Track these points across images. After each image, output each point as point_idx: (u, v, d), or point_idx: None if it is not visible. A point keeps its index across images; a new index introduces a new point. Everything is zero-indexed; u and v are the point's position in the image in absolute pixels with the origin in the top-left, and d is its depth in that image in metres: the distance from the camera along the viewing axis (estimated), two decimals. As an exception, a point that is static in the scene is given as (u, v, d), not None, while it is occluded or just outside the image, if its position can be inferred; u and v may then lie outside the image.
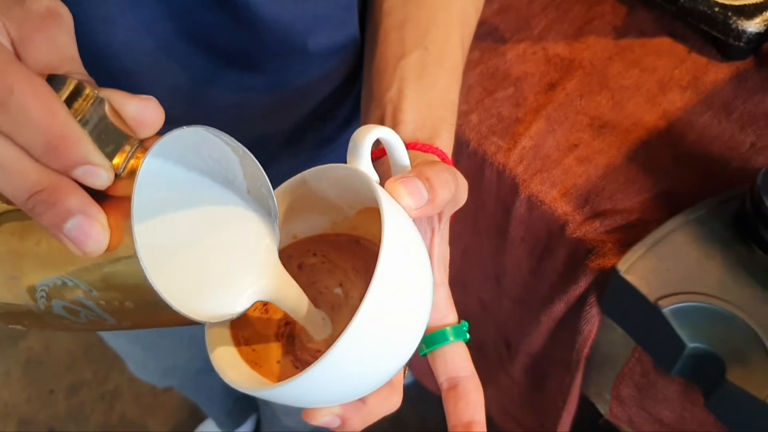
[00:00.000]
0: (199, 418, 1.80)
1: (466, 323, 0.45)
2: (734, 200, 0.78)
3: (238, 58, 0.61)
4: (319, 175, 0.43)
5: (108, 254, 0.32)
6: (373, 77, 0.57)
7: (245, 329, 0.43)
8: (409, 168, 0.44)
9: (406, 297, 0.38)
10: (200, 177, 0.39)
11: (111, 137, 0.33)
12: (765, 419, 0.66)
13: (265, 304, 0.44)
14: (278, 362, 0.43)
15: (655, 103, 0.89)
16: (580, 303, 0.81)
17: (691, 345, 0.70)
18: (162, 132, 0.35)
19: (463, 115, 0.89)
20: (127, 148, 0.33)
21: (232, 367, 0.41)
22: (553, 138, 0.87)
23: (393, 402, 0.43)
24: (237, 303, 0.40)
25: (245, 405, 1.67)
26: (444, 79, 0.56)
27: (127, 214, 0.32)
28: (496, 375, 1.08)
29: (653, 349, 0.76)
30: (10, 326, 0.43)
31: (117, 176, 0.33)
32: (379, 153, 0.48)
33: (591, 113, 0.89)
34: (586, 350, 0.83)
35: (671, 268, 0.74)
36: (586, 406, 0.95)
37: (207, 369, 1.37)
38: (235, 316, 0.40)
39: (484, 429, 0.42)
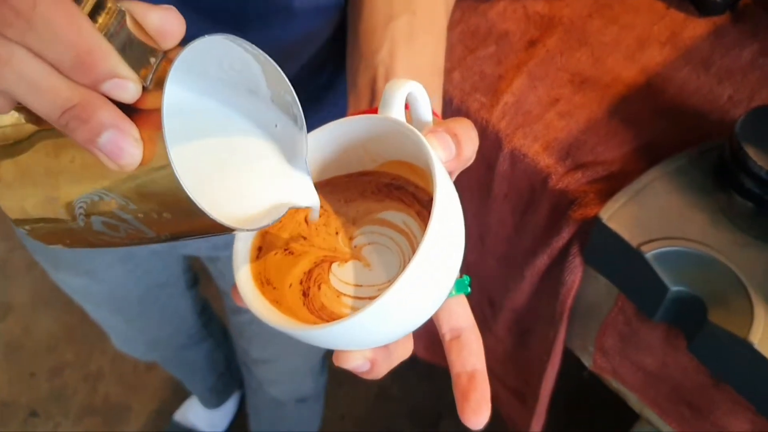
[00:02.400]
0: (183, 396, 1.79)
1: (468, 277, 0.46)
2: (713, 150, 0.79)
3: (223, 17, 0.61)
4: (351, 125, 0.44)
5: (142, 167, 0.33)
6: (360, 38, 0.57)
7: (267, 270, 0.44)
8: (431, 124, 0.44)
9: (453, 243, 0.39)
10: (223, 88, 0.39)
11: (135, 50, 0.33)
12: (746, 357, 0.67)
13: (286, 248, 0.44)
14: (296, 304, 0.43)
15: (635, 59, 0.90)
16: (563, 254, 0.82)
17: (673, 288, 0.72)
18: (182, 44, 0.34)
19: (445, 73, 0.88)
20: (152, 59, 0.33)
21: (264, 307, 0.41)
22: (534, 94, 0.88)
23: (408, 347, 0.44)
24: (269, 213, 0.40)
25: (229, 381, 1.67)
26: (432, 44, 0.56)
27: (157, 125, 0.32)
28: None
29: (636, 295, 0.78)
30: (51, 246, 0.43)
31: (144, 89, 0.33)
32: (367, 113, 0.49)
33: (571, 69, 0.90)
34: (569, 301, 0.84)
35: (653, 215, 0.75)
36: (569, 361, 0.96)
37: (190, 344, 1.36)
38: (268, 225, 0.40)
39: (486, 377, 0.43)
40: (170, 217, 0.35)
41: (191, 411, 1.77)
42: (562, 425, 1.44)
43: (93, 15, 0.32)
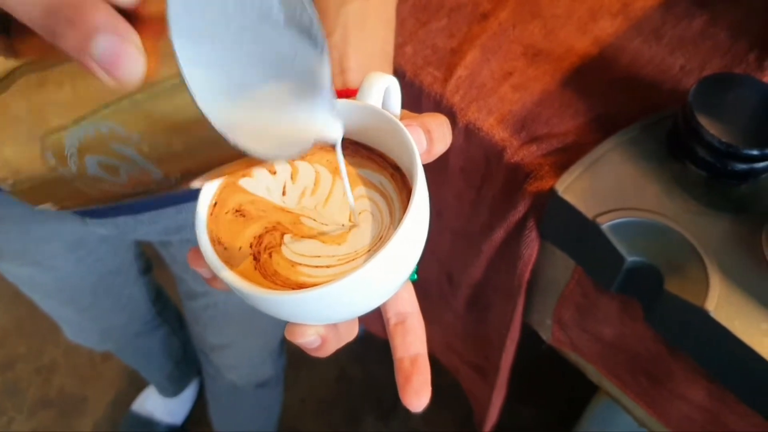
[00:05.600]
0: (140, 386, 1.77)
1: (416, 265, 0.46)
2: (666, 120, 0.79)
3: None
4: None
5: (147, 85, 0.28)
6: None
7: (219, 228, 0.42)
8: (398, 116, 0.45)
9: (422, 230, 0.40)
10: (227, 11, 0.34)
11: None
12: (702, 326, 0.67)
13: (238, 209, 0.43)
14: (248, 268, 0.41)
15: (587, 30, 0.90)
16: (520, 228, 0.81)
17: (629, 259, 0.71)
18: None
19: (397, 47, 0.88)
20: None
21: (231, 274, 0.39)
22: (488, 67, 0.87)
23: (355, 331, 0.44)
24: (297, 145, 0.37)
25: (186, 368, 1.65)
26: (383, 31, 0.57)
27: (163, 33, 0.27)
28: (439, 312, 1.08)
29: (593, 267, 0.77)
30: (37, 207, 0.38)
31: None
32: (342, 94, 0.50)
33: (524, 42, 0.89)
34: (526, 275, 0.83)
35: (608, 186, 0.75)
36: (528, 336, 0.96)
37: (145, 331, 1.33)
38: (293, 157, 0.37)
39: (427, 362, 0.43)
40: (181, 148, 0.30)
41: (149, 400, 1.74)
42: (522, 399, 1.45)
43: None
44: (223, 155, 0.30)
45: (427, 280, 1.06)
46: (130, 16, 0.28)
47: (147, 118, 0.29)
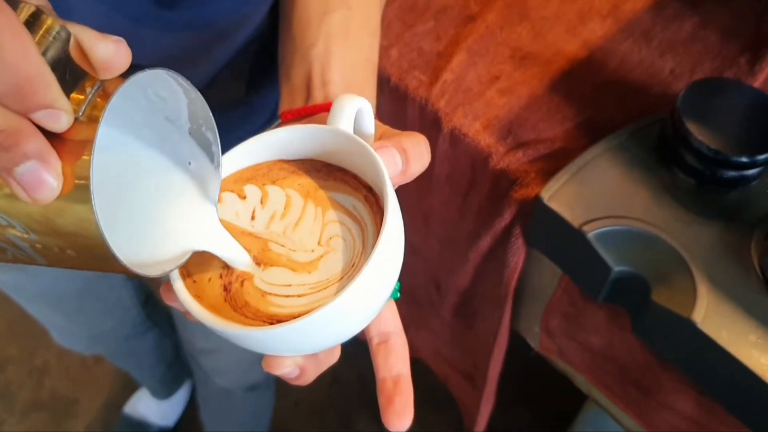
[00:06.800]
0: (132, 388, 1.75)
1: (398, 283, 0.45)
2: (655, 125, 0.78)
3: None
4: (303, 133, 0.43)
5: (57, 201, 0.30)
6: (294, 29, 0.56)
7: (189, 262, 0.41)
8: (372, 137, 0.45)
9: (397, 255, 0.39)
10: (137, 112, 0.36)
11: (72, 77, 0.30)
12: (689, 337, 0.66)
13: None
14: (218, 300, 0.41)
15: (576, 33, 0.88)
16: (506, 236, 0.80)
17: (616, 269, 0.70)
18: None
19: (383, 50, 0.86)
20: (88, 89, 0.31)
21: (196, 306, 0.39)
22: (474, 71, 0.85)
23: (336, 355, 0.44)
24: (177, 257, 0.38)
25: (179, 370, 1.64)
26: (367, 41, 0.56)
27: (81, 159, 0.30)
28: (428, 320, 1.07)
29: (579, 276, 0.76)
30: None
31: (75, 119, 0.30)
32: (304, 111, 0.50)
33: (512, 44, 0.87)
34: (513, 283, 0.82)
35: (595, 193, 0.73)
36: (516, 343, 0.94)
37: (135, 335, 1.32)
38: (175, 269, 0.38)
39: (410, 382, 0.43)
40: (74, 255, 0.33)
41: (141, 403, 1.73)
42: (511, 406, 1.44)
43: (29, 28, 0.29)
44: (110, 268, 0.33)
45: (416, 287, 1.05)
46: (52, 134, 0.30)
47: (48, 225, 0.32)
